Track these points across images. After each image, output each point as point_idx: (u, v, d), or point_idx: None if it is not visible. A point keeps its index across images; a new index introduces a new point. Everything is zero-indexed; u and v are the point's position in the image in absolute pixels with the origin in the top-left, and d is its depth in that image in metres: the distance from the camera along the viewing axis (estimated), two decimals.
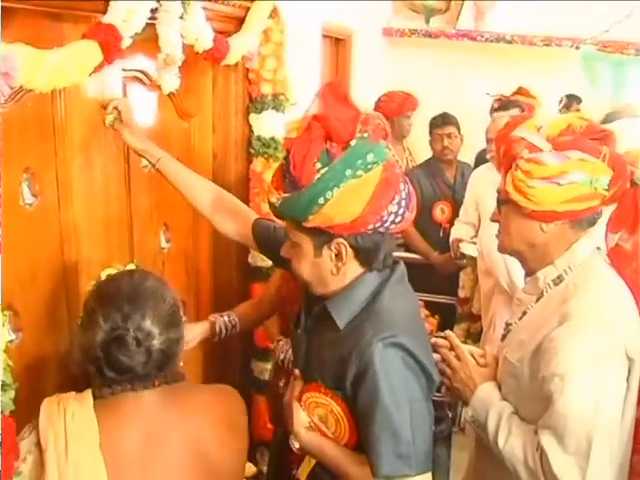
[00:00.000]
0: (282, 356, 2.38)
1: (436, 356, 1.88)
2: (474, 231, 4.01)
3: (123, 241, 2.30)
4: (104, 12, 1.76)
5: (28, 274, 1.87)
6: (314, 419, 1.69)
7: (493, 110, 4.50)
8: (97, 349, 1.43)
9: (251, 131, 2.82)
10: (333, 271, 1.62)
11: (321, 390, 1.65)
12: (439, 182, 4.50)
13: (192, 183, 2.15)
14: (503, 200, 1.79)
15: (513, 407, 1.75)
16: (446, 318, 4.05)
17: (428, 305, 4.01)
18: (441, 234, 4.38)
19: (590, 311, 1.62)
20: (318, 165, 1.50)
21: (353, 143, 1.52)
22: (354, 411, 1.60)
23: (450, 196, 4.46)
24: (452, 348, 1.90)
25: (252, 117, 2.79)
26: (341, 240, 1.56)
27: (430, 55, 5.83)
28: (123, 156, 2.24)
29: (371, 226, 1.54)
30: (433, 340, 1.92)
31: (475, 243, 3.86)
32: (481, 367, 1.87)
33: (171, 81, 2.00)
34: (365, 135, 1.53)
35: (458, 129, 4.47)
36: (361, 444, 1.62)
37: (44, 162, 1.89)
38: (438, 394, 1.83)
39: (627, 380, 1.61)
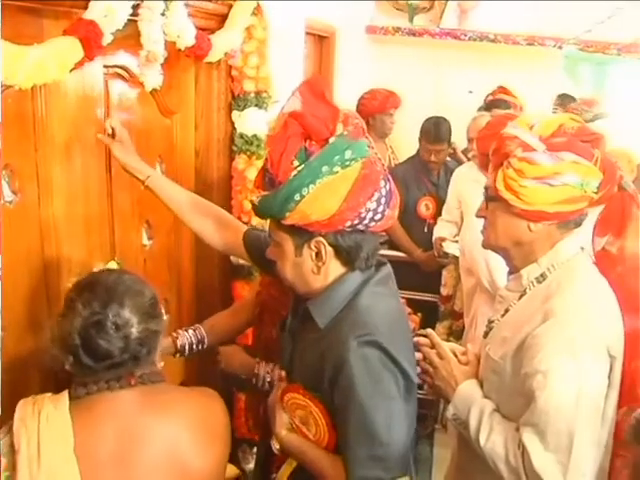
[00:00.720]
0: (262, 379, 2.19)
1: (418, 355, 1.88)
2: (457, 229, 4.02)
3: (104, 238, 2.29)
4: (85, 8, 1.75)
5: (8, 272, 1.85)
6: (295, 420, 1.69)
7: (484, 108, 4.54)
8: (75, 335, 1.43)
9: (234, 128, 2.81)
10: (314, 270, 1.61)
11: (300, 391, 1.64)
12: (423, 178, 4.49)
13: (181, 199, 2.15)
14: (492, 197, 1.79)
15: (495, 404, 1.75)
16: (428, 316, 4.06)
17: (411, 303, 4.03)
18: (425, 230, 4.38)
19: (573, 309, 1.63)
20: (296, 162, 1.49)
21: (332, 140, 1.51)
22: (332, 413, 1.59)
23: (434, 192, 4.46)
24: (433, 346, 1.90)
25: (235, 114, 2.78)
26: (320, 239, 1.56)
27: (414, 53, 5.84)
28: (104, 153, 2.22)
29: (349, 223, 1.52)
30: (415, 339, 1.90)
31: (457, 242, 3.88)
32: (463, 365, 1.87)
33: (154, 78, 1.99)
34: (345, 133, 1.52)
35: (449, 142, 4.48)
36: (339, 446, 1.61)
37: (24, 159, 1.87)
38: (420, 392, 1.83)
39: (608, 377, 1.62)
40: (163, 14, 1.97)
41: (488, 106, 4.63)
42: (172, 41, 2.11)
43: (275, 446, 1.72)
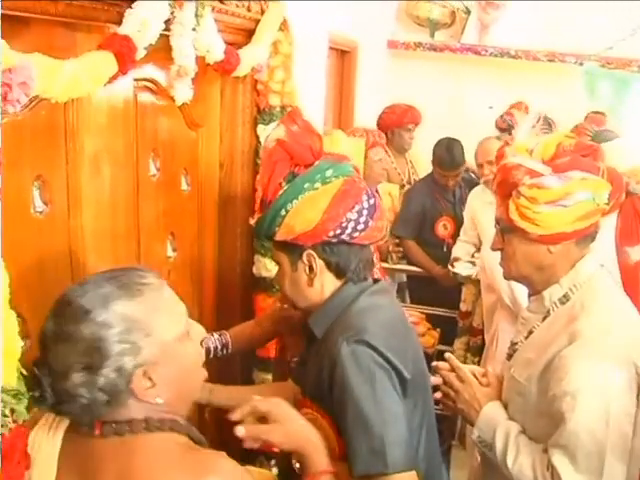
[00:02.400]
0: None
1: (437, 379, 1.90)
2: (475, 249, 4.04)
3: (130, 249, 2.30)
4: (117, 22, 1.77)
5: (36, 281, 1.87)
6: None
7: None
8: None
9: (258, 142, 2.83)
10: (308, 283, 1.72)
11: (308, 404, 1.69)
12: (439, 198, 4.53)
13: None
14: (507, 228, 1.80)
15: (520, 426, 1.75)
16: (448, 331, 4.07)
17: (430, 318, 4.05)
18: (445, 249, 4.40)
19: (599, 330, 1.63)
20: (284, 184, 1.67)
21: (316, 163, 1.70)
22: (336, 418, 1.62)
23: (452, 211, 4.50)
24: (453, 369, 1.91)
25: (260, 128, 2.80)
26: (310, 251, 1.69)
27: (434, 68, 5.86)
28: (132, 165, 2.25)
29: (332, 233, 1.65)
30: (434, 363, 1.95)
31: (473, 262, 3.89)
32: (484, 387, 1.87)
33: (184, 92, 2.01)
34: (328, 157, 1.71)
35: (463, 164, 4.49)
36: None
37: (55, 170, 1.89)
38: (436, 407, 1.84)
39: (637, 397, 1.62)
40: (193, 29, 1.99)
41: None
42: (201, 55, 2.14)
43: (296, 465, 1.73)
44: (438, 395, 1.92)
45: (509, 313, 3.02)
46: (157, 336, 1.30)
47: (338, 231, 1.65)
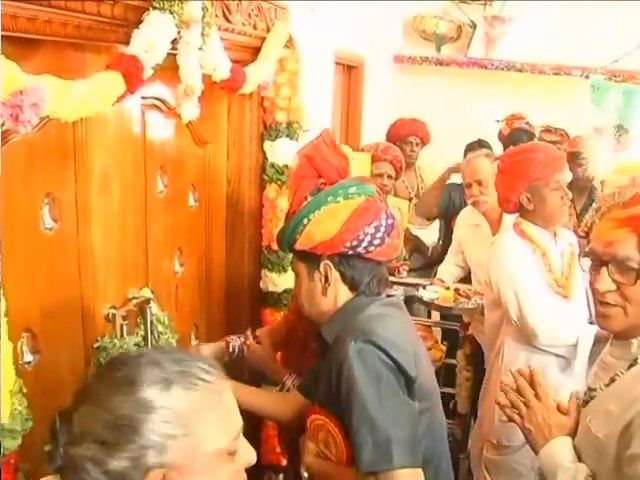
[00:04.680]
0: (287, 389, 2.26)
1: (509, 379, 1.78)
2: (462, 272, 4.00)
3: (138, 265, 2.33)
4: (125, 42, 1.81)
5: (46, 297, 1.90)
6: (320, 445, 1.73)
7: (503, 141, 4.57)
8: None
9: (265, 158, 2.86)
10: (323, 292, 1.79)
11: (317, 410, 1.73)
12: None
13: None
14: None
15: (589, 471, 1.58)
16: (452, 344, 4.06)
17: (432, 331, 4.04)
18: None
19: None
20: (309, 198, 1.77)
21: (341, 181, 1.80)
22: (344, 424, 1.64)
23: None
24: (532, 384, 1.73)
25: (266, 144, 2.83)
26: (327, 261, 1.76)
27: (441, 82, 5.89)
28: (140, 182, 2.28)
29: (348, 244, 1.72)
30: (514, 369, 1.83)
31: (447, 288, 3.80)
32: (561, 414, 1.70)
33: (191, 110, 2.04)
34: (358, 178, 1.83)
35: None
36: None
37: (64, 187, 1.93)
38: (450, 421, 1.84)
39: None
40: (200, 48, 2.03)
41: (508, 140, 4.67)
42: (208, 74, 2.17)
43: (304, 475, 1.76)
44: (503, 401, 1.75)
45: (515, 330, 2.99)
46: (195, 441, 1.12)
47: (355, 243, 1.72)
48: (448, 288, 3.76)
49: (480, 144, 4.62)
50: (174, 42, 1.94)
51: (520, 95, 4.97)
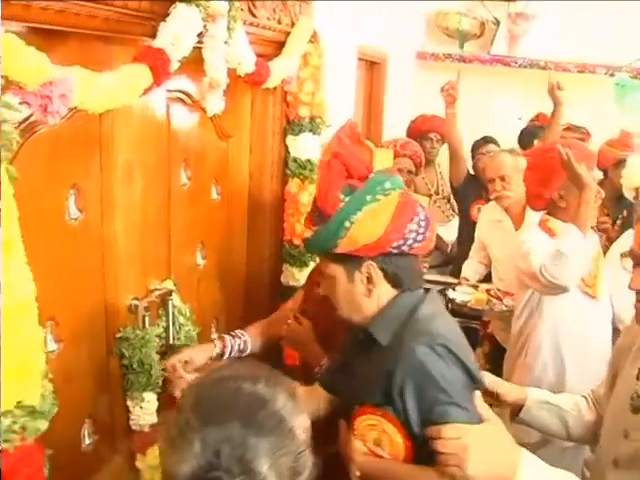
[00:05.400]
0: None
1: None
2: (485, 269, 3.99)
3: (161, 257, 2.35)
4: (151, 35, 1.82)
5: (70, 286, 1.92)
6: (369, 445, 1.70)
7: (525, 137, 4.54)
8: None
9: (287, 152, 2.87)
10: (366, 294, 1.72)
11: (370, 411, 1.67)
12: (481, 190, 4.41)
13: None
14: None
15: None
16: (474, 342, 4.04)
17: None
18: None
19: None
20: (342, 196, 1.68)
21: (372, 176, 1.72)
22: (406, 422, 1.61)
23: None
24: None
25: (289, 139, 2.84)
26: (370, 262, 1.69)
27: (463, 79, 5.84)
28: (163, 174, 2.29)
29: (395, 244, 1.67)
30: None
31: (475, 286, 3.79)
32: None
33: (216, 104, 2.05)
34: (383, 171, 1.74)
35: (497, 145, 4.48)
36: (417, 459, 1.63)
37: (90, 178, 1.95)
38: None
39: None
40: (226, 42, 2.03)
41: (531, 133, 4.64)
42: (232, 67, 2.18)
43: (356, 474, 1.73)
44: None
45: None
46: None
47: (401, 242, 1.67)
48: (476, 287, 3.75)
49: (485, 140, 4.61)
50: (200, 35, 1.95)
51: (543, 93, 4.92)
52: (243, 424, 1.02)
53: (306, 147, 2.82)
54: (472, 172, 4.53)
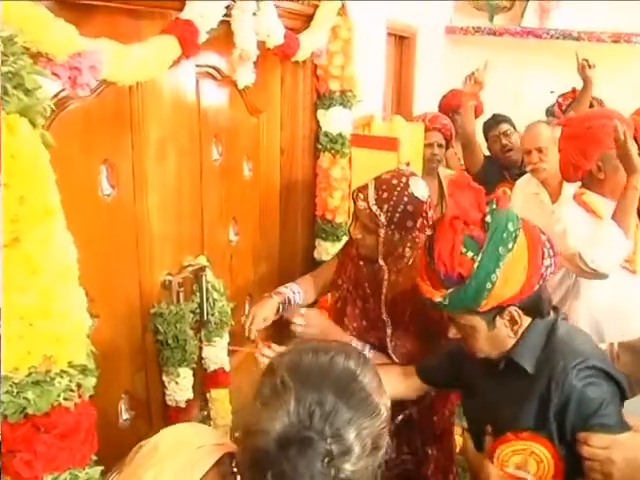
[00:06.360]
0: None
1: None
2: None
3: (194, 233, 2.35)
4: (180, 9, 1.81)
5: (104, 262, 1.93)
6: (509, 470, 1.68)
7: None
8: (267, 440, 1.03)
9: (318, 127, 2.85)
10: (510, 335, 1.68)
11: (515, 438, 1.66)
12: (503, 172, 4.35)
13: None
14: None
15: None
16: None
17: None
18: None
19: None
20: (469, 253, 1.57)
21: (489, 219, 1.60)
22: (561, 444, 1.60)
23: (513, 181, 4.33)
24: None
25: (320, 113, 2.82)
26: (512, 308, 1.62)
27: (494, 53, 5.77)
28: (195, 150, 2.29)
29: (536, 287, 1.61)
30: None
31: None
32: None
33: (247, 76, 2.04)
34: (493, 206, 1.61)
35: (513, 126, 4.39)
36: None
37: (121, 154, 1.95)
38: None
39: None
40: (254, 14, 2.02)
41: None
42: (262, 40, 2.16)
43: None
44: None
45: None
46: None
47: (541, 281, 1.63)
48: None
49: (496, 120, 4.49)
50: (228, 8, 1.94)
51: (575, 66, 4.83)
52: (335, 393, 1.06)
53: (337, 121, 2.80)
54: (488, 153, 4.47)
